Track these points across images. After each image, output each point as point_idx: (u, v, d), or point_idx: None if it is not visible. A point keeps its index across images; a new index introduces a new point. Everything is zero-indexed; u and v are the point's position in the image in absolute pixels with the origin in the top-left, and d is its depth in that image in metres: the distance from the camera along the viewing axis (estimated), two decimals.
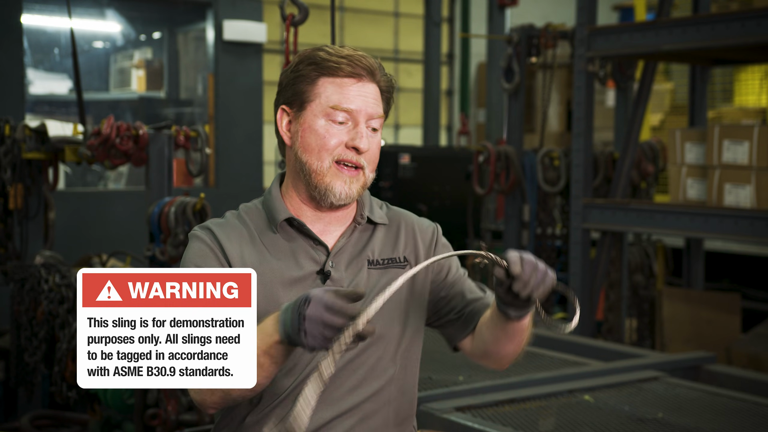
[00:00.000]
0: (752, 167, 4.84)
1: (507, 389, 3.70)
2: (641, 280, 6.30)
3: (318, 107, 1.84)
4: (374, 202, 1.96)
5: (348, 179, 1.83)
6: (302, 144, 1.85)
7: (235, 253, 1.84)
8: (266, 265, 1.84)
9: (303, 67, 1.85)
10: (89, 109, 7.93)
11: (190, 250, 1.86)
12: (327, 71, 1.83)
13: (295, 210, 1.89)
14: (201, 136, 4.79)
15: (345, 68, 1.83)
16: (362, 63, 1.84)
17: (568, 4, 8.18)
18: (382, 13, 13.30)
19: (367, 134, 1.85)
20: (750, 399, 3.72)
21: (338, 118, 1.83)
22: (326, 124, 1.83)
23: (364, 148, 1.83)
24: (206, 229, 1.88)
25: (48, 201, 5.35)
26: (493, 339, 1.85)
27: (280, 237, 1.87)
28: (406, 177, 8.40)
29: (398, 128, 13.55)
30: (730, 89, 8.31)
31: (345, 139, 1.83)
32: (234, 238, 1.85)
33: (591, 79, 5.58)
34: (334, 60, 1.83)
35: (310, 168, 1.84)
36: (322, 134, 1.83)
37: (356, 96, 1.83)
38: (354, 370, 1.84)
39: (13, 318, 5.12)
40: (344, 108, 1.82)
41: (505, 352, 1.88)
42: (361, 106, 1.83)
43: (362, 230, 1.92)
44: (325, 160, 1.83)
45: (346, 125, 1.84)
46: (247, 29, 8.26)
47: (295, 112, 1.87)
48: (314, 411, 1.80)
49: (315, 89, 1.84)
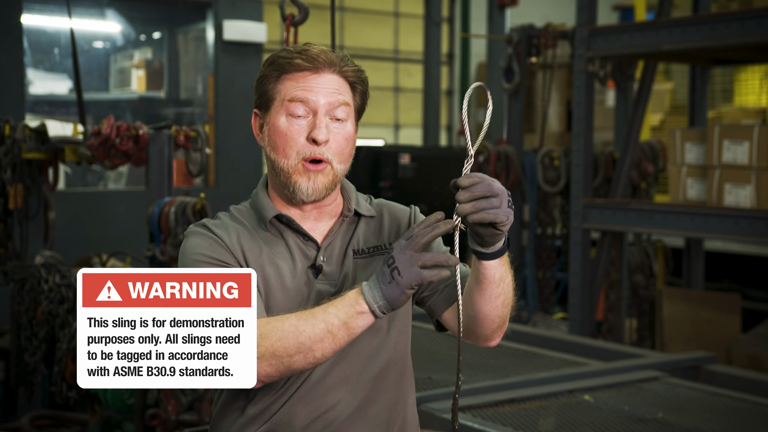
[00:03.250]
0: (752, 167, 4.84)
1: (507, 389, 3.70)
2: (641, 280, 6.30)
3: (279, 104, 1.85)
4: (360, 197, 1.98)
5: (312, 175, 1.84)
6: (270, 144, 1.88)
7: (236, 245, 1.86)
8: (265, 257, 1.86)
9: (265, 69, 1.88)
10: (89, 109, 7.93)
11: (190, 243, 1.86)
12: (285, 69, 1.85)
13: (282, 208, 1.91)
14: (201, 136, 4.79)
15: (301, 63, 1.83)
16: (319, 56, 1.84)
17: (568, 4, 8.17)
18: (382, 13, 13.30)
19: (329, 124, 1.85)
20: (750, 399, 3.72)
21: (297, 111, 1.83)
22: (287, 120, 1.84)
23: (322, 138, 1.82)
24: (204, 227, 1.89)
25: (48, 201, 5.35)
26: (470, 299, 1.79)
27: (271, 234, 1.88)
28: (406, 177, 8.39)
29: (398, 128, 13.55)
30: (730, 89, 8.32)
31: (306, 132, 1.84)
32: (232, 233, 1.87)
33: (591, 79, 5.58)
34: (291, 56, 1.85)
35: (279, 167, 1.86)
36: (283, 131, 1.84)
37: (312, 86, 1.84)
38: (349, 363, 1.85)
39: (13, 318, 5.12)
40: (300, 98, 1.83)
41: (485, 313, 1.79)
42: (317, 95, 1.83)
43: (349, 222, 1.94)
44: (291, 158, 1.84)
45: (307, 119, 1.84)
46: (247, 29, 8.26)
47: (263, 114, 1.90)
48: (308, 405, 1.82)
49: (276, 87, 1.86)
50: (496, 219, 1.61)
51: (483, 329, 1.82)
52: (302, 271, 1.87)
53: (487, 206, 1.61)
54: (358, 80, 1.89)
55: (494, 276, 1.73)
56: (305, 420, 1.83)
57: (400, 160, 8.40)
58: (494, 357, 4.37)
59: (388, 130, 13.37)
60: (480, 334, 1.84)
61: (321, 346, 1.68)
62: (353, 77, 1.88)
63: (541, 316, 6.41)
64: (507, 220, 1.63)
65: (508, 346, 4.52)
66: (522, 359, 4.34)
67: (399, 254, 1.65)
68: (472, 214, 1.62)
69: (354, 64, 1.89)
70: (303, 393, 1.83)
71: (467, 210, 1.62)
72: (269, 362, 1.70)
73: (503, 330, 1.86)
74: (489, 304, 1.77)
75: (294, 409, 1.83)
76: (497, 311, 1.78)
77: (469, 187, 1.62)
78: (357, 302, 1.67)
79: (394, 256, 1.66)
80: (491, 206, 1.61)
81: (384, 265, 1.67)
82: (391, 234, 1.96)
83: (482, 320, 1.80)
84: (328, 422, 1.84)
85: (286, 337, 1.68)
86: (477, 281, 1.75)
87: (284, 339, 1.68)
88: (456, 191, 1.63)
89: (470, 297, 1.79)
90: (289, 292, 1.85)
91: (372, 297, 1.67)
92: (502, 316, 1.81)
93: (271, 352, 1.69)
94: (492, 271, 1.72)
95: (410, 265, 1.64)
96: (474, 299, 1.78)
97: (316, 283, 1.87)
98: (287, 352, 1.69)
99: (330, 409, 1.84)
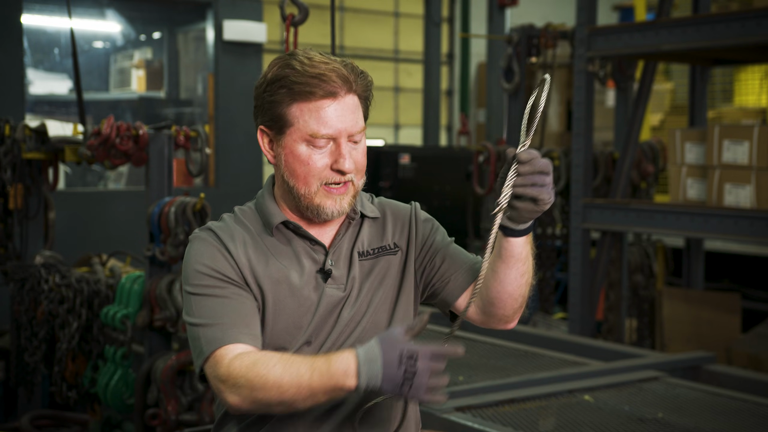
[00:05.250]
0: (752, 167, 4.84)
1: (507, 389, 3.70)
2: (641, 280, 6.29)
3: (297, 133, 1.82)
4: (363, 196, 1.98)
5: (338, 198, 1.84)
6: (287, 168, 1.85)
7: (241, 255, 1.84)
8: (272, 266, 1.85)
9: (276, 91, 1.82)
10: (89, 109, 7.92)
11: (195, 250, 1.85)
12: (300, 96, 1.80)
13: (288, 215, 1.90)
14: (201, 136, 4.79)
15: (317, 91, 1.79)
16: (334, 79, 1.79)
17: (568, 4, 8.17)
18: (382, 13, 13.29)
19: (350, 150, 1.83)
20: (750, 399, 3.72)
21: (319, 144, 1.81)
22: (308, 150, 1.82)
23: (349, 168, 1.82)
24: (209, 231, 1.88)
25: (48, 201, 5.34)
26: (494, 279, 1.83)
27: (276, 240, 1.88)
28: (406, 177, 8.39)
29: (398, 128, 13.54)
30: (730, 89, 8.31)
31: (329, 161, 1.82)
32: (238, 241, 1.86)
33: (591, 79, 5.58)
34: (305, 81, 1.79)
35: (298, 192, 1.84)
36: (305, 160, 1.82)
37: (334, 118, 1.80)
38: None
39: (13, 318, 5.12)
40: (323, 135, 1.80)
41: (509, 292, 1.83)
42: (340, 128, 1.81)
43: (354, 225, 1.94)
44: (312, 185, 1.83)
45: (328, 146, 1.82)
46: (247, 29, 8.25)
47: (275, 135, 1.86)
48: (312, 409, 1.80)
49: (291, 114, 1.82)
50: (541, 195, 1.68)
51: (505, 309, 1.87)
52: (311, 276, 1.87)
53: (539, 182, 1.69)
54: (368, 91, 1.88)
55: (521, 254, 1.79)
56: (307, 420, 1.84)
57: (400, 160, 8.40)
58: (494, 357, 4.37)
59: (388, 130, 13.37)
60: (501, 315, 1.89)
61: (303, 404, 1.69)
62: (363, 90, 1.86)
63: (541, 316, 6.41)
64: (549, 198, 1.70)
65: (508, 346, 4.52)
66: (522, 359, 4.34)
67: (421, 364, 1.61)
68: (526, 188, 1.68)
69: (362, 73, 1.85)
70: None
71: (524, 182, 1.68)
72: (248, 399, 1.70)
73: (521, 311, 1.91)
74: (514, 282, 1.83)
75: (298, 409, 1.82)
76: (521, 290, 1.85)
77: (530, 161, 1.68)
78: (347, 368, 1.63)
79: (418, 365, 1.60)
80: (543, 183, 1.69)
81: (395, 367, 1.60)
82: (395, 234, 1.96)
83: (506, 299, 1.85)
84: (330, 422, 1.84)
85: (269, 388, 1.68)
86: (503, 260, 1.80)
87: (267, 390, 1.68)
88: (513, 163, 1.69)
89: (494, 277, 1.83)
90: (299, 298, 1.85)
91: (368, 378, 1.62)
92: (524, 295, 1.87)
93: (251, 399, 1.70)
94: (519, 248, 1.79)
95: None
96: (499, 278, 1.82)
97: (326, 288, 1.87)
98: (268, 402, 1.69)
99: (332, 409, 1.84)
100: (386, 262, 1.92)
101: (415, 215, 1.99)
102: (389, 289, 1.92)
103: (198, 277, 1.81)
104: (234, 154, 8.27)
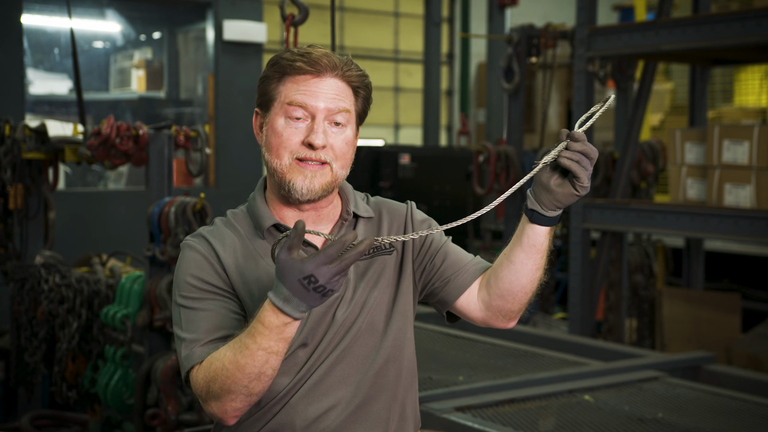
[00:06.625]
0: (752, 167, 4.84)
1: (507, 389, 3.70)
2: (641, 280, 6.29)
3: (278, 106, 1.85)
4: (357, 196, 1.98)
5: (309, 173, 1.83)
6: (266, 144, 1.87)
7: (230, 261, 1.85)
8: (262, 270, 1.85)
9: (268, 69, 1.88)
10: (89, 109, 7.93)
11: (185, 259, 1.86)
12: (287, 70, 1.84)
13: (279, 214, 1.90)
14: (201, 136, 4.79)
15: (303, 66, 1.82)
16: (321, 60, 1.83)
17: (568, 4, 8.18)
18: (382, 13, 13.30)
19: (328, 129, 1.84)
20: (750, 399, 3.72)
21: (296, 114, 1.83)
22: (285, 122, 1.84)
23: (318, 143, 1.81)
24: (200, 237, 1.88)
25: (48, 201, 5.34)
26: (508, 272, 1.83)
27: (267, 242, 1.88)
28: (406, 177, 8.40)
29: (398, 128, 13.55)
30: (730, 89, 8.32)
31: (303, 136, 1.83)
32: (228, 245, 1.87)
33: (591, 79, 5.58)
34: (293, 58, 1.84)
35: (273, 167, 1.86)
36: (280, 132, 1.84)
37: (313, 91, 1.83)
38: (348, 363, 1.85)
39: (13, 318, 5.12)
40: (299, 102, 1.82)
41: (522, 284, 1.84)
42: (317, 100, 1.82)
43: (348, 225, 1.94)
44: (284, 158, 1.83)
45: (306, 122, 1.84)
46: (247, 29, 8.26)
47: (264, 114, 1.89)
48: (308, 405, 1.82)
49: (277, 90, 1.85)
50: (581, 174, 1.69)
51: (513, 303, 1.87)
52: None
53: (584, 163, 1.70)
54: (362, 85, 1.88)
55: (542, 245, 1.80)
56: (306, 420, 1.83)
57: (400, 160, 8.40)
58: (494, 357, 4.37)
59: (388, 130, 13.37)
60: (507, 311, 1.89)
61: (268, 366, 1.68)
62: (356, 82, 1.87)
63: (541, 316, 6.41)
64: (587, 184, 1.72)
65: (508, 346, 4.52)
66: (522, 359, 4.34)
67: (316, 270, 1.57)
68: (572, 162, 1.69)
69: (358, 68, 1.87)
70: (303, 393, 1.83)
71: (571, 156, 1.69)
72: (229, 398, 1.71)
73: (524, 309, 1.91)
74: (529, 274, 1.83)
75: (295, 410, 1.83)
76: (533, 284, 1.85)
77: (583, 141, 1.70)
78: (277, 316, 1.62)
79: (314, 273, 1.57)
80: (587, 166, 1.70)
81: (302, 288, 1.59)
82: (390, 233, 1.95)
83: (517, 292, 1.85)
84: (329, 421, 1.84)
85: (232, 374, 1.68)
86: (523, 248, 1.81)
87: (231, 375, 1.68)
88: (565, 139, 1.70)
89: (510, 266, 1.83)
90: None
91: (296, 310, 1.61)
92: (534, 291, 1.88)
93: (225, 389, 1.70)
94: (541, 238, 1.80)
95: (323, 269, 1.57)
96: (515, 267, 1.83)
97: None
98: (240, 384, 1.69)
99: (330, 409, 1.84)
100: (381, 263, 1.92)
101: (411, 215, 1.98)
102: (385, 289, 1.92)
103: (186, 288, 1.82)
104: (234, 154, 8.28)
